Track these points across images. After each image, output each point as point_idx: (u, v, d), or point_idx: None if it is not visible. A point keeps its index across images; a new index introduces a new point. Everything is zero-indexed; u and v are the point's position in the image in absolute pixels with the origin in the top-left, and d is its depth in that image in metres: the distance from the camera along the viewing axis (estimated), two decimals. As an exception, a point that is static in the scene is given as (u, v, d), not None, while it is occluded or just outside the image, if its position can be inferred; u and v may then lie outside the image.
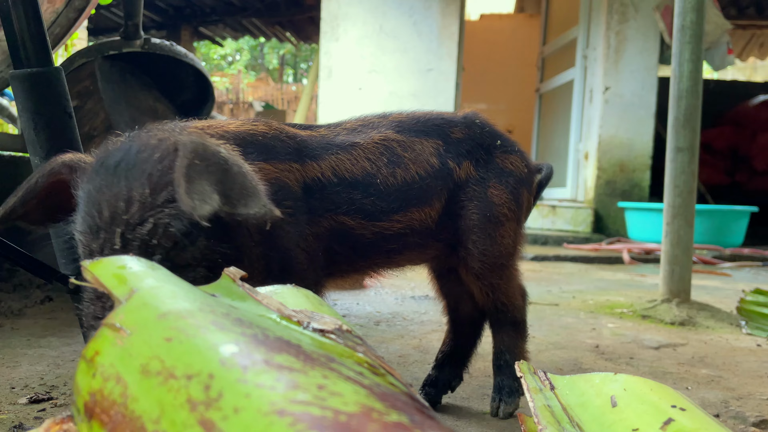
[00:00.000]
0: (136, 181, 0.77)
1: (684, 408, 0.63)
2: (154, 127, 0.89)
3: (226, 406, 0.40)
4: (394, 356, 1.51)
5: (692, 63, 2.01)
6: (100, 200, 0.77)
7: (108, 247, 0.76)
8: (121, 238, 0.76)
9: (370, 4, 5.35)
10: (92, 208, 0.77)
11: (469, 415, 1.15)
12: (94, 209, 0.77)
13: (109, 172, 0.78)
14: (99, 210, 0.76)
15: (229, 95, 13.20)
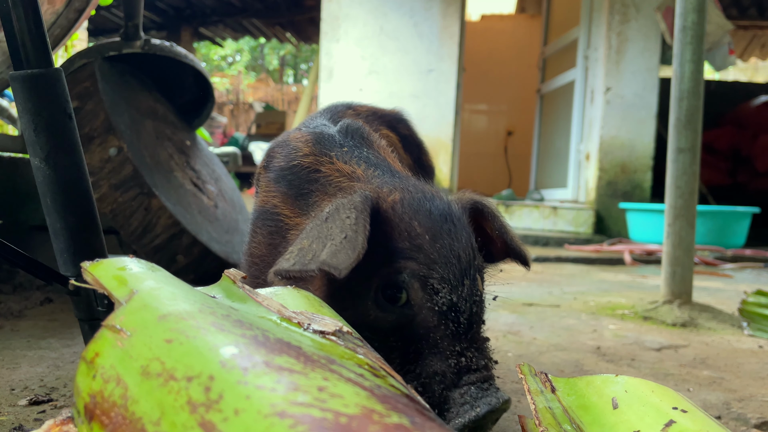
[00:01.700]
0: (468, 232, 0.79)
1: (685, 410, 0.63)
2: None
3: (227, 407, 0.40)
4: (394, 357, 1.51)
5: (694, 63, 2.01)
6: (454, 248, 0.76)
7: (474, 296, 0.76)
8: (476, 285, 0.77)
9: (370, 5, 5.35)
10: (449, 256, 0.75)
11: (470, 416, 1.15)
12: (451, 257, 0.75)
13: (447, 222, 0.78)
14: (457, 258, 0.76)
15: (230, 96, 13.20)
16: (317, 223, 0.76)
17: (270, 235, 0.93)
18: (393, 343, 0.74)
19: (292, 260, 0.72)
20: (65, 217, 1.00)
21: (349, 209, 0.73)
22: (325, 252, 0.69)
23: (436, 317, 0.73)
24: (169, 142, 2.12)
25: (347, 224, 0.71)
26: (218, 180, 2.38)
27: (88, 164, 1.70)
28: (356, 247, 0.68)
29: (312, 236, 0.74)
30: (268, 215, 0.95)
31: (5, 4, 0.96)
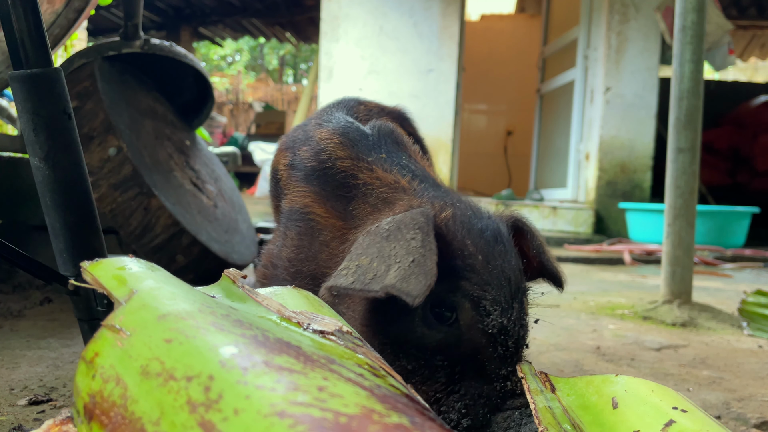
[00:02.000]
0: (515, 253, 0.79)
1: (685, 409, 0.63)
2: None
3: (227, 407, 0.40)
4: (394, 357, 1.51)
5: (693, 63, 2.01)
6: (505, 270, 0.76)
7: (522, 319, 0.77)
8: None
9: (370, 5, 5.35)
10: (501, 278, 0.75)
11: (470, 416, 1.15)
12: (503, 279, 0.75)
13: (498, 243, 0.77)
14: (508, 280, 0.75)
15: (229, 96, 13.20)
16: (375, 240, 0.73)
17: (299, 236, 0.90)
18: (438, 361, 0.73)
19: (350, 278, 0.70)
20: (65, 216, 1.00)
21: (413, 229, 0.71)
22: (393, 275, 0.67)
23: (485, 339, 0.72)
24: (169, 142, 2.12)
25: (413, 246, 0.69)
26: (218, 180, 2.38)
27: (88, 164, 1.70)
28: (428, 275, 0.65)
29: (371, 254, 0.71)
30: (298, 215, 0.92)
31: (5, 4, 0.96)
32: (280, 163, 1.04)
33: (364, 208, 0.87)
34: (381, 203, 0.86)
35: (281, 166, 1.04)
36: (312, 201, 0.91)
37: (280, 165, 1.05)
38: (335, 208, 0.88)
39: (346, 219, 0.87)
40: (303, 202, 0.92)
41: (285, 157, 1.03)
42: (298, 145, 1.01)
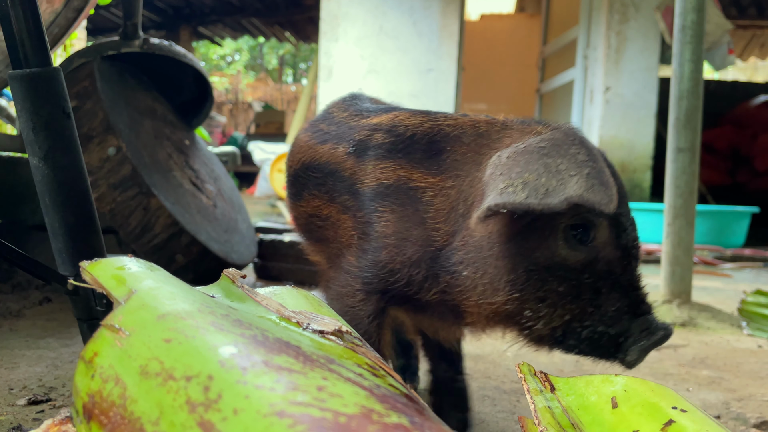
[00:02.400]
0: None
1: (685, 409, 0.63)
2: None
3: (226, 407, 0.40)
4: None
5: (693, 63, 2.01)
6: (623, 186, 0.82)
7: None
8: None
9: (369, 4, 5.35)
10: (624, 194, 0.81)
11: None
12: (624, 194, 0.82)
13: (605, 161, 0.82)
14: (625, 194, 0.83)
15: (228, 95, 13.19)
16: (533, 157, 0.73)
17: (402, 207, 0.88)
18: (584, 279, 0.76)
19: (522, 194, 0.70)
20: (64, 216, 1.00)
21: (574, 145, 0.73)
22: (574, 187, 0.68)
23: (620, 253, 0.77)
24: (168, 142, 2.12)
25: (580, 159, 0.71)
26: (217, 179, 2.38)
27: (87, 163, 1.70)
28: (608, 184, 0.69)
29: (535, 171, 0.71)
30: (391, 190, 0.90)
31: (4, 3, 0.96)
32: (344, 158, 0.99)
33: (461, 154, 0.87)
34: (482, 142, 0.87)
35: (342, 160, 0.99)
36: (405, 170, 0.90)
37: (342, 160, 0.99)
38: (428, 167, 0.88)
39: (443, 173, 0.87)
40: (395, 175, 0.90)
41: (337, 149, 1.00)
42: (366, 134, 0.98)
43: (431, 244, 0.84)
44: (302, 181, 1.05)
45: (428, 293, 0.85)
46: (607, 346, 0.76)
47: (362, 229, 0.92)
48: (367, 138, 0.96)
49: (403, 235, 0.86)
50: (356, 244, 0.92)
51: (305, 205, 1.04)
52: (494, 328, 0.86)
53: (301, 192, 1.05)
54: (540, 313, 0.76)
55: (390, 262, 0.87)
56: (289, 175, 1.12)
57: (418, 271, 0.85)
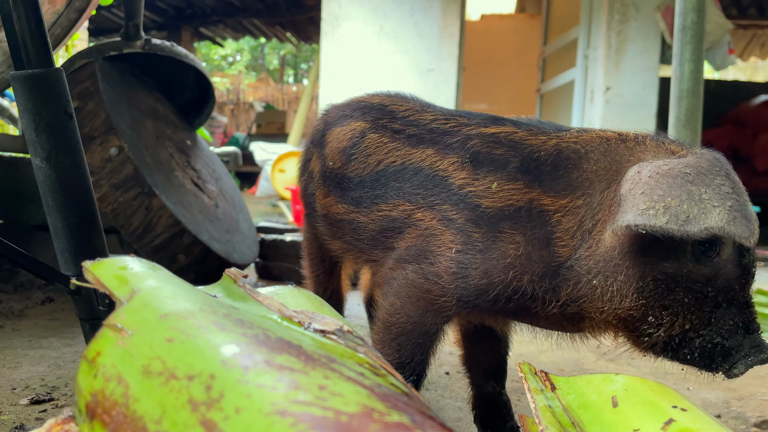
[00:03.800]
0: None
1: (685, 408, 0.63)
2: None
3: (228, 406, 0.40)
4: (395, 357, 1.51)
5: (693, 63, 2.01)
6: None
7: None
8: None
9: (370, 5, 5.35)
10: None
11: (470, 415, 1.15)
12: None
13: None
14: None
15: (230, 96, 13.20)
16: (676, 182, 0.75)
17: (532, 230, 0.87)
18: (707, 292, 0.79)
19: (662, 218, 0.73)
20: (66, 216, 1.01)
21: (719, 176, 0.76)
22: (716, 219, 0.72)
23: (740, 272, 0.80)
24: (170, 142, 2.12)
25: (725, 192, 0.75)
26: (219, 179, 2.38)
27: (89, 164, 1.70)
28: (751, 219, 0.73)
29: (678, 197, 0.74)
30: (522, 213, 0.88)
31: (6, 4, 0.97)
32: (459, 171, 0.95)
33: (590, 171, 0.88)
34: (613, 158, 0.87)
35: (460, 172, 0.95)
36: (535, 193, 0.88)
37: (459, 172, 0.95)
38: (557, 189, 0.88)
39: (571, 193, 0.88)
40: (526, 198, 0.88)
41: (443, 157, 0.96)
42: (483, 144, 0.95)
43: (555, 260, 0.86)
44: (385, 184, 1.01)
45: (549, 305, 0.87)
46: (718, 357, 0.81)
47: (471, 246, 0.89)
48: (486, 151, 0.94)
49: (531, 256, 0.86)
50: (452, 258, 0.90)
51: (390, 209, 1.00)
52: (609, 333, 0.90)
53: (384, 195, 1.01)
54: (662, 320, 0.80)
55: (514, 279, 0.87)
56: (357, 178, 1.06)
57: (543, 285, 0.86)
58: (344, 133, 1.12)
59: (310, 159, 1.25)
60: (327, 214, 1.14)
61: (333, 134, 1.16)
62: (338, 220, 1.11)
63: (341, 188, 1.09)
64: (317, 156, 1.21)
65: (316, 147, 1.22)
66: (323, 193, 1.15)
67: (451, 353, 1.55)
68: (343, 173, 1.09)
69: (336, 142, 1.13)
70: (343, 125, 1.14)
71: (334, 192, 1.11)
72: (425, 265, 0.93)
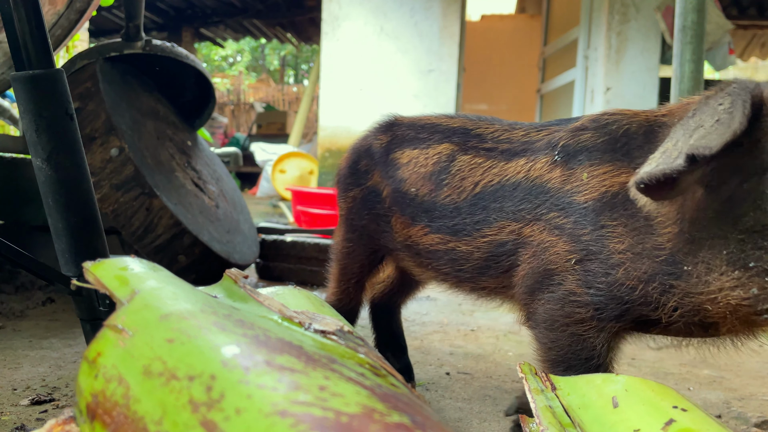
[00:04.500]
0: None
1: (685, 409, 0.63)
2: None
3: (228, 407, 0.40)
4: (395, 357, 1.51)
5: (693, 63, 2.01)
6: None
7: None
8: None
9: (370, 5, 5.35)
10: None
11: (471, 415, 1.15)
12: None
13: None
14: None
15: (230, 96, 13.20)
16: (681, 123, 0.69)
17: (632, 218, 0.79)
18: None
19: (653, 163, 0.65)
20: (67, 217, 1.01)
21: (721, 97, 0.68)
22: (693, 139, 0.64)
23: None
24: (171, 143, 2.12)
25: (719, 109, 0.66)
26: (219, 180, 2.38)
27: (90, 164, 1.70)
28: (731, 124, 0.63)
29: (676, 136, 0.68)
30: (618, 199, 0.80)
31: (7, 5, 0.97)
32: (528, 174, 0.89)
33: (651, 143, 0.81)
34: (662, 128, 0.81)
35: (544, 164, 0.89)
36: (627, 173, 0.80)
37: (524, 176, 0.90)
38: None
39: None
40: (619, 182, 0.80)
41: (534, 162, 0.90)
42: (557, 139, 0.90)
43: (660, 252, 0.77)
44: (485, 207, 0.94)
45: (667, 310, 0.78)
46: None
47: (585, 250, 0.81)
48: (573, 141, 0.87)
49: (636, 249, 0.78)
50: (575, 269, 0.82)
51: (495, 232, 0.92)
52: (749, 327, 0.81)
53: (487, 219, 0.93)
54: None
55: (627, 279, 0.78)
56: (451, 204, 0.99)
57: (654, 285, 0.77)
58: (426, 158, 1.03)
59: (368, 173, 1.15)
60: (413, 244, 1.05)
61: (407, 156, 1.08)
62: (431, 251, 1.02)
63: (431, 217, 1.01)
64: (382, 175, 1.12)
65: (379, 165, 1.13)
66: (404, 223, 1.06)
67: (451, 353, 1.55)
68: (433, 201, 1.01)
69: (416, 167, 1.05)
70: (423, 148, 1.05)
71: (420, 221, 1.02)
72: (555, 288, 0.84)
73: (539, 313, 0.87)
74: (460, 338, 1.70)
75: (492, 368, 1.45)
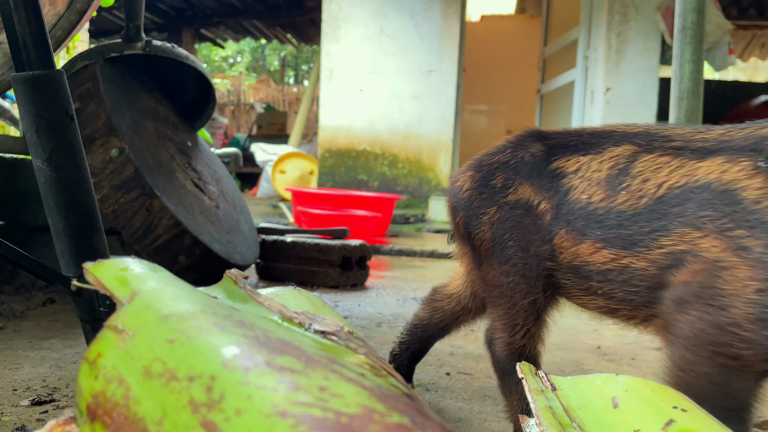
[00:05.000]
0: None
1: (685, 409, 0.63)
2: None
3: (228, 407, 0.40)
4: (395, 358, 1.51)
5: (693, 64, 2.01)
6: None
7: None
8: None
9: (371, 6, 5.36)
10: None
11: (471, 416, 1.15)
12: None
13: None
14: None
15: (231, 97, 13.21)
16: None
17: None
18: None
19: None
20: (67, 218, 1.01)
21: None
22: None
23: None
24: (171, 143, 2.13)
25: None
26: (219, 181, 2.38)
27: (90, 165, 1.70)
28: None
29: None
30: None
31: (7, 6, 0.97)
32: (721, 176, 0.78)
33: None
34: None
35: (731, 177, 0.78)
36: None
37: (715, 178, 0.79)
38: None
39: None
40: None
41: (730, 164, 0.79)
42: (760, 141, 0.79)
43: None
44: (665, 213, 0.81)
45: None
46: None
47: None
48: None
49: None
50: (751, 300, 0.71)
51: (674, 243, 0.80)
52: None
53: (666, 227, 0.81)
54: None
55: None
56: (629, 211, 0.85)
57: None
58: (601, 162, 0.91)
59: (507, 189, 1.00)
60: (581, 265, 0.91)
61: (575, 163, 0.95)
62: (602, 271, 0.88)
63: (604, 228, 0.87)
64: (537, 189, 0.98)
65: (529, 177, 0.99)
66: (572, 240, 0.92)
67: (451, 353, 1.55)
68: (607, 209, 0.87)
69: (587, 172, 0.92)
70: (596, 152, 0.93)
71: (591, 235, 0.88)
72: (715, 311, 0.73)
73: (683, 328, 0.77)
74: (460, 338, 1.70)
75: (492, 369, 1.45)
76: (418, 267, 3.06)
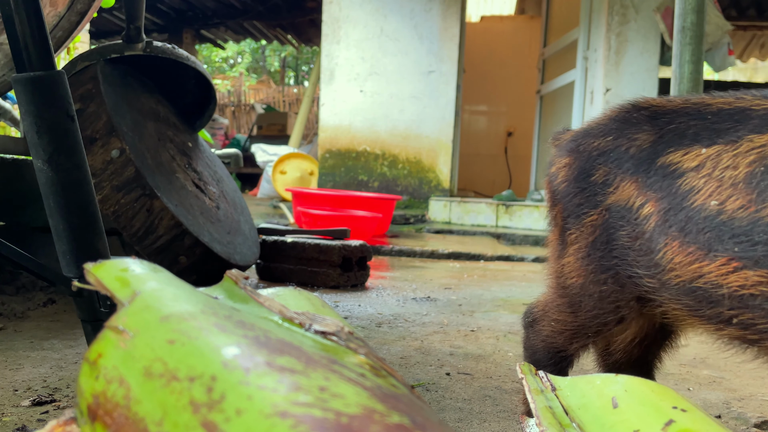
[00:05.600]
0: None
1: (685, 409, 0.63)
2: None
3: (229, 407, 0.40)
4: (395, 358, 1.51)
5: (693, 64, 2.01)
6: None
7: None
8: None
9: (371, 7, 5.36)
10: None
11: (471, 416, 1.15)
12: None
13: None
14: None
15: (231, 97, 13.21)
16: None
17: None
18: None
19: None
20: (68, 218, 1.01)
21: None
22: None
23: None
24: (171, 144, 2.13)
25: None
26: (220, 181, 2.38)
27: (91, 166, 1.70)
28: None
29: None
30: None
31: (8, 7, 0.97)
32: None
33: None
34: None
35: None
36: None
37: None
38: None
39: None
40: None
41: None
42: None
43: None
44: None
45: None
46: None
47: None
48: None
49: None
50: None
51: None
52: None
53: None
54: None
55: None
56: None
57: None
58: (736, 156, 0.73)
59: (608, 186, 0.85)
60: (706, 287, 0.74)
61: (695, 157, 0.77)
62: (741, 297, 0.71)
63: (745, 243, 0.70)
64: (641, 187, 0.81)
65: (634, 172, 0.82)
66: (692, 255, 0.75)
67: (451, 354, 1.55)
68: (752, 219, 0.70)
69: (717, 170, 0.74)
70: (727, 142, 0.75)
71: (724, 251, 0.71)
72: None
73: None
74: (460, 339, 1.70)
75: (492, 369, 1.45)
76: (418, 267, 3.06)
